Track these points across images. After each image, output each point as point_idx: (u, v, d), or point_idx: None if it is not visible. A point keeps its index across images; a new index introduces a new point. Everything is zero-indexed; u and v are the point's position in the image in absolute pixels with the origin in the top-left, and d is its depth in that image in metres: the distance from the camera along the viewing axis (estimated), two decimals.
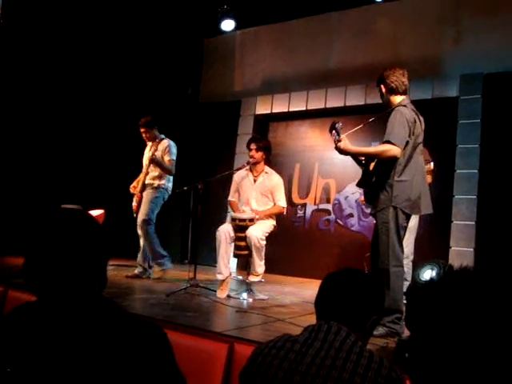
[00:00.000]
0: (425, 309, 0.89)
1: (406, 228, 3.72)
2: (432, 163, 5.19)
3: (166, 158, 5.84)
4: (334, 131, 3.65)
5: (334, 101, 7.38)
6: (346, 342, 1.50)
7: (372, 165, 3.77)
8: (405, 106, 3.66)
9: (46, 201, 6.93)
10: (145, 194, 5.85)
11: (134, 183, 5.99)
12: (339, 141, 3.63)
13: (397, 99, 3.75)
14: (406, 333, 3.46)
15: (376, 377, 1.40)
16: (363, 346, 1.54)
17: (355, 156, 3.84)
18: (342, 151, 3.67)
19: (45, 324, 1.26)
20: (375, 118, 3.90)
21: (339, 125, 3.65)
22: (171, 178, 5.97)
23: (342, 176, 7.33)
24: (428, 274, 3.43)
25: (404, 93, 3.76)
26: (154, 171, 5.82)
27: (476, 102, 6.23)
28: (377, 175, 3.69)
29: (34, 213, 6.98)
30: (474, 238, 6.01)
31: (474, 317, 0.81)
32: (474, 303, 0.83)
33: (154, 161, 5.70)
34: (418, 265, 4.92)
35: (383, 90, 3.78)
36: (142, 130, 5.92)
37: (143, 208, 5.76)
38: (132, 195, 5.95)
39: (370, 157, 3.76)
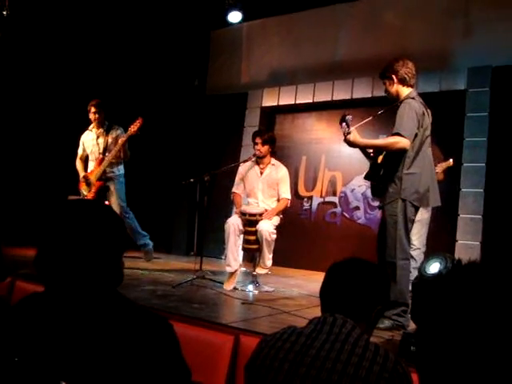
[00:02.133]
0: (432, 303, 0.89)
1: (413, 221, 3.72)
2: (451, 160, 5.14)
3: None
4: (343, 123, 3.64)
5: (341, 93, 7.34)
6: (352, 335, 1.51)
7: (380, 157, 3.76)
8: (413, 98, 3.66)
9: (51, 192, 6.96)
10: (111, 185, 5.85)
11: (82, 173, 5.90)
12: (349, 133, 3.61)
13: (405, 91, 3.74)
14: (412, 326, 3.47)
15: (381, 370, 1.40)
16: (369, 340, 1.54)
17: (364, 148, 3.83)
18: (351, 144, 3.67)
19: (53, 315, 1.26)
20: (384, 110, 3.88)
21: (349, 117, 3.65)
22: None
23: (349, 169, 7.31)
24: (434, 267, 3.42)
25: (412, 85, 3.76)
26: (112, 158, 5.79)
27: (484, 95, 6.18)
28: (385, 168, 3.68)
29: (39, 204, 7.02)
30: (481, 231, 5.98)
31: (481, 311, 0.81)
32: (482, 297, 0.82)
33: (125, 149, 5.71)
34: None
35: (394, 79, 3.74)
36: (94, 110, 5.81)
37: (117, 200, 5.79)
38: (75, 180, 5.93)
39: (378, 149, 3.73)
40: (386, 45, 6.86)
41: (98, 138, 5.87)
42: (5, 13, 6.00)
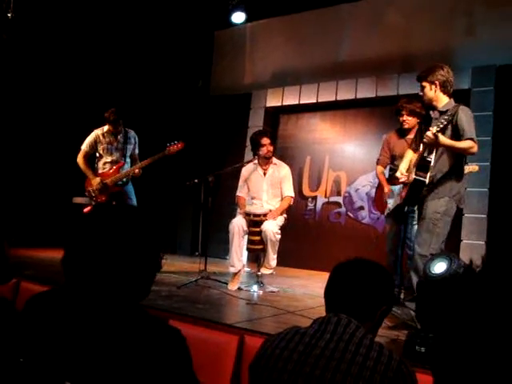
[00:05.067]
0: (438, 303, 0.89)
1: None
2: (477, 166, 5.04)
3: (136, 151, 5.92)
4: (442, 121, 3.64)
5: (345, 93, 7.34)
6: (356, 335, 1.51)
7: (432, 157, 3.75)
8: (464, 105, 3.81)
9: (55, 193, 6.98)
10: (126, 189, 5.80)
11: (90, 173, 5.73)
12: (440, 131, 3.62)
13: (444, 99, 3.85)
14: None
15: (385, 370, 1.40)
16: (373, 339, 1.54)
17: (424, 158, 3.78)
18: (436, 142, 3.64)
19: (65, 316, 1.25)
20: (446, 121, 3.73)
21: (448, 119, 3.66)
22: None
23: (353, 168, 7.31)
24: (439, 267, 3.42)
25: (451, 95, 3.88)
26: (137, 169, 5.71)
27: (488, 94, 6.17)
28: (447, 172, 3.78)
29: (44, 205, 7.06)
30: (486, 231, 5.97)
31: (489, 312, 0.81)
32: (490, 298, 0.82)
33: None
34: (428, 258, 4.89)
35: (437, 85, 3.82)
36: (119, 122, 5.71)
37: (133, 203, 5.74)
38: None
39: (457, 151, 3.76)
40: (390, 44, 6.86)
41: (118, 142, 5.80)
42: (9, 15, 6.02)
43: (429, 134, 3.61)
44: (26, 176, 7.02)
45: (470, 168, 4.91)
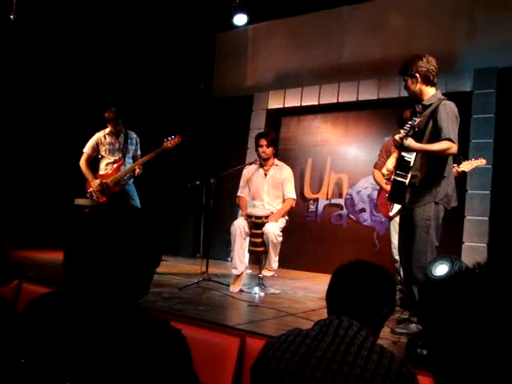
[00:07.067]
0: (439, 305, 0.88)
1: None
2: (484, 160, 4.88)
3: (139, 153, 5.96)
4: (408, 126, 3.47)
5: (347, 95, 7.34)
6: (357, 338, 1.51)
7: (412, 160, 3.57)
8: (447, 99, 3.59)
9: (57, 195, 6.99)
10: (127, 189, 5.82)
11: (91, 176, 5.75)
12: (406, 137, 3.43)
13: (429, 90, 3.62)
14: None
15: (387, 373, 1.40)
16: (374, 342, 1.54)
17: (402, 158, 3.58)
18: (403, 147, 3.48)
19: (66, 318, 1.25)
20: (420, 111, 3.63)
21: (415, 122, 3.47)
22: None
23: (355, 171, 7.31)
24: (441, 269, 3.41)
25: (435, 84, 3.65)
26: (137, 166, 5.76)
27: (490, 96, 6.17)
28: (424, 172, 3.57)
29: (46, 207, 7.06)
30: (488, 233, 5.96)
31: (489, 314, 0.81)
32: (490, 300, 0.82)
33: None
34: (430, 260, 4.88)
35: (418, 78, 3.58)
36: (118, 121, 5.75)
37: (136, 203, 5.75)
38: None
39: (430, 154, 3.53)
40: (392, 47, 6.86)
41: (119, 143, 5.83)
42: (12, 17, 6.03)
43: (396, 137, 3.48)
44: (28, 178, 7.03)
45: (478, 162, 4.77)
